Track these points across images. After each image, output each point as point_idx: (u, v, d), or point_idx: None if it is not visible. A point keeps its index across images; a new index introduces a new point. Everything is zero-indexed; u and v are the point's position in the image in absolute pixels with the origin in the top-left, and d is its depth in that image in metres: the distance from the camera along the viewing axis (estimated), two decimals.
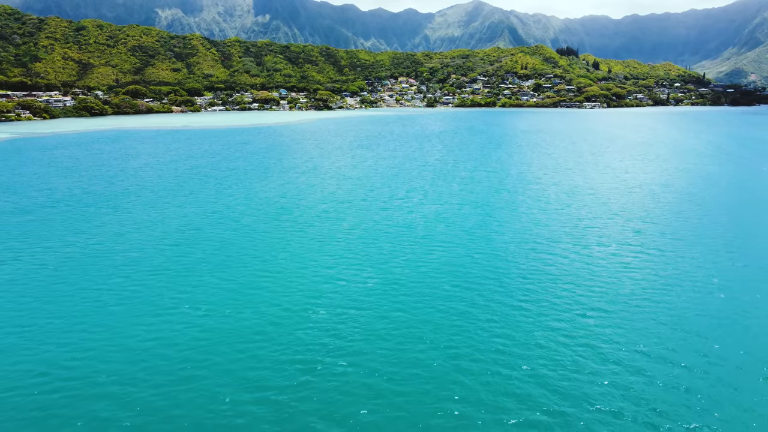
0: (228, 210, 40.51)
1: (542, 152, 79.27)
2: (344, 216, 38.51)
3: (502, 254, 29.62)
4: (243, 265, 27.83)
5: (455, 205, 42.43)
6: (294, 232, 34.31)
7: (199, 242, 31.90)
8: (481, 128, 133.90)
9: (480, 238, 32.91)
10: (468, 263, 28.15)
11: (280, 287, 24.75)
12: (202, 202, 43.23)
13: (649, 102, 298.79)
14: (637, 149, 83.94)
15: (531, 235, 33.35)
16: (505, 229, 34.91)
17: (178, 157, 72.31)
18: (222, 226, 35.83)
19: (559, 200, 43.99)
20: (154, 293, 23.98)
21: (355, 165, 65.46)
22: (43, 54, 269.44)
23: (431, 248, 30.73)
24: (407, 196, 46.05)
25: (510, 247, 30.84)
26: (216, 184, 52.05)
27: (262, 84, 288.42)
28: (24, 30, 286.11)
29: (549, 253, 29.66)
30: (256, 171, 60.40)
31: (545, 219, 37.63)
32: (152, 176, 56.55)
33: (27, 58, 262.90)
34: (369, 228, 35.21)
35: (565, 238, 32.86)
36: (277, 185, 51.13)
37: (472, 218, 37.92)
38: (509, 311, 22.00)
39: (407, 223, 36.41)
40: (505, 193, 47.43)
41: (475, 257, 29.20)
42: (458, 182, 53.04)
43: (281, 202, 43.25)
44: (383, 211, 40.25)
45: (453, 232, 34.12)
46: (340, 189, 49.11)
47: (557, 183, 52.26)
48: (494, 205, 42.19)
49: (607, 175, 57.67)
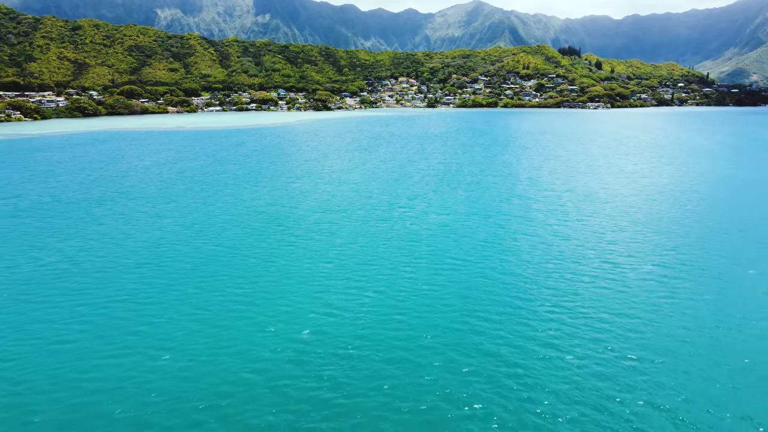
0: (209, 222, 36.28)
1: (551, 154, 75.04)
2: (338, 229, 34.30)
3: (520, 276, 25.41)
4: (218, 291, 23.62)
5: (462, 214, 38.21)
6: (281, 248, 30.11)
7: (170, 262, 27.69)
8: (484, 129, 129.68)
9: (493, 255, 28.69)
10: (481, 287, 23.96)
11: (261, 319, 20.56)
12: (181, 212, 39.03)
13: (653, 102, 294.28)
14: (650, 151, 79.69)
15: (551, 252, 29.13)
16: (521, 245, 30.68)
17: (165, 161, 68.11)
18: (200, 241, 31.62)
19: (578, 209, 39.77)
20: (106, 331, 19.77)
21: (353, 169, 61.25)
22: (38, 54, 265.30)
23: (438, 268, 26.52)
24: (409, 204, 41.83)
25: (529, 268, 26.61)
26: (200, 190, 47.84)
27: (260, 84, 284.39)
28: (19, 29, 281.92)
29: (575, 275, 25.43)
30: (245, 176, 56.18)
31: (565, 231, 33.40)
32: (133, 182, 52.33)
33: (22, 58, 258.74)
34: (366, 243, 31.00)
35: (590, 254, 28.64)
36: (267, 192, 46.91)
37: (482, 231, 33.69)
38: (535, 349, 17.79)
39: (409, 237, 32.21)
40: (517, 200, 43.21)
41: (489, 279, 25.00)
42: (464, 188, 48.81)
43: (269, 212, 39.04)
44: (382, 222, 36.03)
45: (462, 249, 29.89)
46: (334, 196, 44.90)
47: (572, 189, 48.03)
48: (506, 215, 37.97)
49: (624, 179, 53.43)
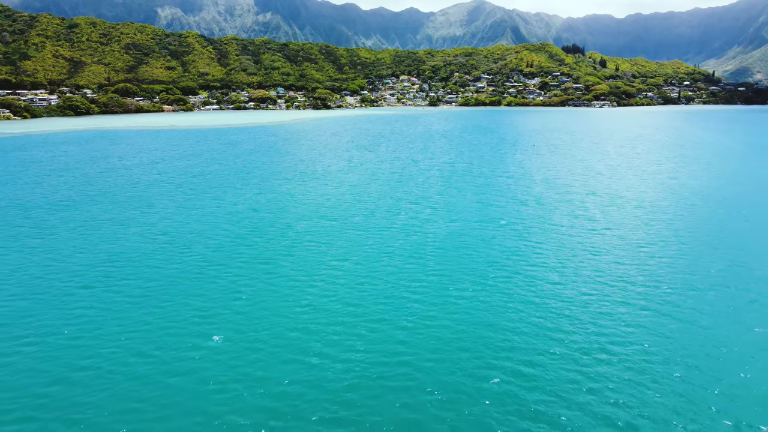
0: (179, 232, 31.30)
1: (564, 153, 69.93)
2: (330, 240, 29.30)
3: (551, 303, 20.41)
4: (182, 319, 18.67)
5: (474, 222, 33.18)
6: (261, 265, 25.14)
7: (128, 279, 22.75)
8: (489, 127, 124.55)
9: (514, 275, 23.69)
10: (503, 317, 18.98)
11: (233, 357, 15.61)
12: (149, 220, 34.08)
13: (659, 101, 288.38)
14: (671, 150, 74.52)
15: (586, 271, 24.11)
16: (548, 260, 25.66)
17: (148, 160, 63.20)
18: (166, 255, 26.67)
19: (606, 216, 34.70)
20: (48, 363, 14.82)
21: (350, 169, 56.25)
22: (33, 52, 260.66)
23: (448, 292, 21.54)
24: (412, 209, 36.82)
25: (562, 291, 21.60)
26: (178, 194, 42.89)
27: (259, 83, 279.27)
28: (15, 27, 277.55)
29: (618, 303, 20.39)
30: (231, 177, 51.21)
31: (596, 244, 28.37)
32: (106, 184, 47.40)
33: (16, 56, 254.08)
34: (363, 259, 26.02)
35: (632, 273, 23.61)
36: (252, 196, 41.93)
37: (499, 243, 28.67)
38: (574, 398, 12.79)
39: (414, 251, 27.21)
40: (534, 205, 38.17)
41: (512, 307, 20.02)
42: (474, 191, 43.77)
43: (251, 220, 34.04)
44: (382, 232, 31.02)
45: (476, 265, 24.89)
46: (328, 201, 39.91)
47: (594, 192, 42.97)
48: (524, 223, 32.93)
49: (650, 181, 48.32)
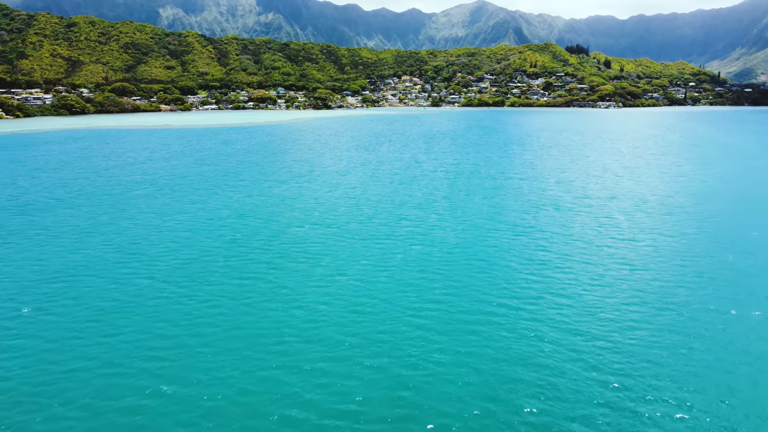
0: (152, 240, 27.38)
1: (577, 154, 65.91)
2: (322, 253, 25.36)
3: (587, 328, 16.42)
4: (133, 355, 14.74)
5: (486, 231, 29.20)
6: (237, 284, 21.22)
7: (78, 299, 18.81)
8: (495, 127, 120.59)
9: (541, 296, 19.68)
10: (533, 349, 15.02)
11: (187, 412, 11.73)
12: (123, 225, 30.17)
13: (665, 102, 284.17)
14: (689, 151, 70.45)
15: (620, 289, 20.11)
16: (577, 277, 21.65)
17: (134, 161, 59.37)
18: (129, 269, 22.75)
19: (634, 223, 30.67)
20: None
21: (349, 170, 52.32)
22: (31, 51, 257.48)
23: (461, 315, 17.58)
24: (416, 216, 32.86)
25: (598, 315, 17.61)
26: (160, 196, 39.00)
27: (259, 82, 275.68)
28: (12, 26, 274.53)
29: (669, 330, 16.42)
30: (219, 179, 47.32)
31: (629, 257, 24.36)
32: (84, 185, 43.55)
33: (13, 55, 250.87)
34: (359, 275, 22.07)
35: (678, 292, 19.62)
36: (240, 199, 38.02)
37: (517, 256, 24.69)
38: None
39: (418, 266, 23.26)
40: (552, 211, 34.17)
41: (542, 336, 16.05)
42: (483, 195, 39.80)
43: (236, 227, 30.10)
44: (382, 242, 27.06)
45: (493, 284, 20.91)
46: (323, 206, 35.98)
47: (616, 196, 38.97)
48: (543, 232, 28.92)
49: (674, 183, 44.28)
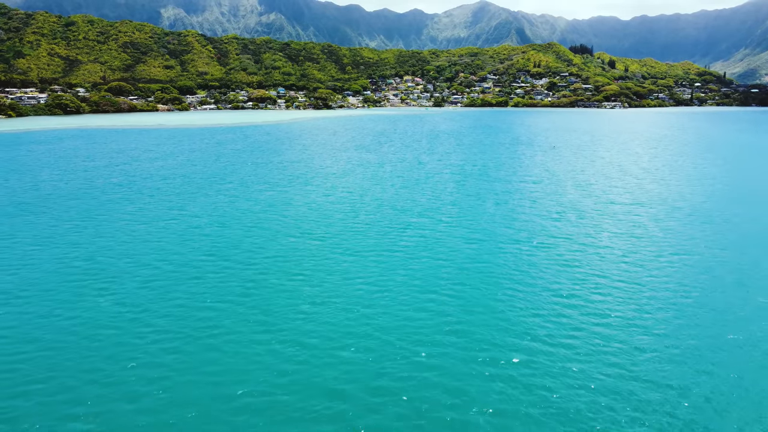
0: (113, 254, 23.57)
1: (591, 155, 61.96)
2: (310, 271, 21.50)
3: (633, 373, 12.59)
4: (56, 414, 10.99)
5: (503, 244, 25.32)
6: (204, 315, 17.41)
7: (4, 332, 15.07)
8: (500, 127, 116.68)
9: (577, 331, 15.83)
10: (566, 393, 11.21)
11: None
12: (84, 235, 26.39)
13: (671, 102, 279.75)
14: (710, 152, 66.46)
15: (665, 317, 16.26)
16: (614, 304, 17.78)
17: (118, 162, 55.65)
18: (76, 293, 18.97)
19: (670, 234, 26.76)
20: None
21: (347, 172, 48.50)
22: (28, 50, 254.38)
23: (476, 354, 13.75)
24: (420, 225, 28.99)
25: (640, 351, 13.78)
26: (137, 201, 35.21)
27: (259, 82, 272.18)
28: (10, 25, 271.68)
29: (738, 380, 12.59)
30: (205, 181, 43.53)
31: (671, 275, 20.47)
32: (54, 189, 39.81)
33: (10, 54, 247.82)
34: (352, 299, 18.21)
35: (736, 321, 15.79)
36: (224, 204, 34.21)
37: (542, 273, 20.79)
38: None
39: (422, 287, 19.39)
40: (574, 218, 30.25)
41: (579, 378, 12.20)
42: (495, 199, 35.93)
43: (213, 239, 26.28)
44: (381, 257, 23.19)
45: (515, 306, 17.05)
46: (315, 213, 32.16)
47: (641, 202, 35.05)
48: (566, 243, 25.02)
49: (704, 187, 40.33)
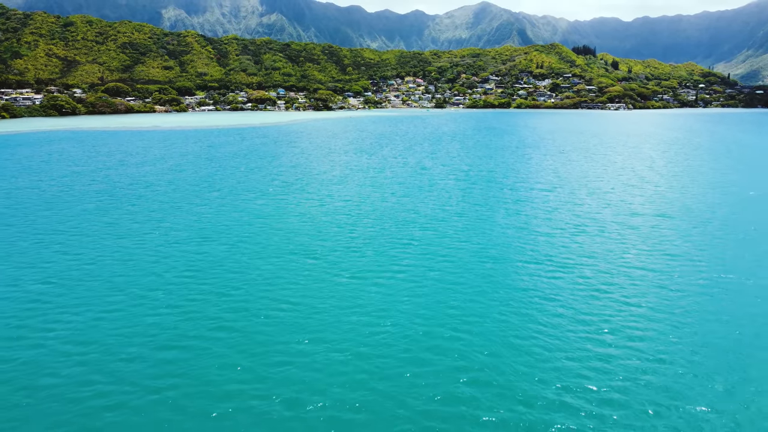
0: (76, 276, 20.38)
1: (602, 160, 58.70)
2: (303, 297, 18.28)
3: None
4: None
5: (519, 265, 22.05)
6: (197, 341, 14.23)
7: None
8: (505, 129, 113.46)
9: (610, 369, 12.65)
10: None
11: None
12: (48, 253, 23.20)
13: (676, 104, 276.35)
14: (727, 157, 63.22)
15: (714, 354, 13.10)
16: (654, 337, 14.62)
17: (103, 166, 52.55)
18: (31, 321, 15.80)
19: (711, 254, 23.51)
20: None
21: (344, 179, 45.34)
22: (26, 50, 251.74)
23: (499, 399, 10.63)
24: (424, 241, 25.77)
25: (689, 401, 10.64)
26: (112, 210, 32.04)
27: (258, 83, 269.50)
28: (8, 25, 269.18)
29: None
30: (192, 188, 40.36)
31: (720, 302, 17.29)
32: (28, 195, 36.68)
33: (7, 55, 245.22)
34: (352, 334, 15.01)
35: None
36: (208, 216, 31.03)
37: (564, 298, 17.55)
38: None
39: (435, 315, 16.17)
40: (596, 233, 27.01)
41: None
42: (506, 211, 32.70)
43: (191, 257, 23.06)
44: (379, 282, 19.97)
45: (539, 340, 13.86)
46: (307, 227, 28.97)
47: (667, 214, 31.81)
48: (594, 266, 21.75)
49: (731, 197, 37.08)
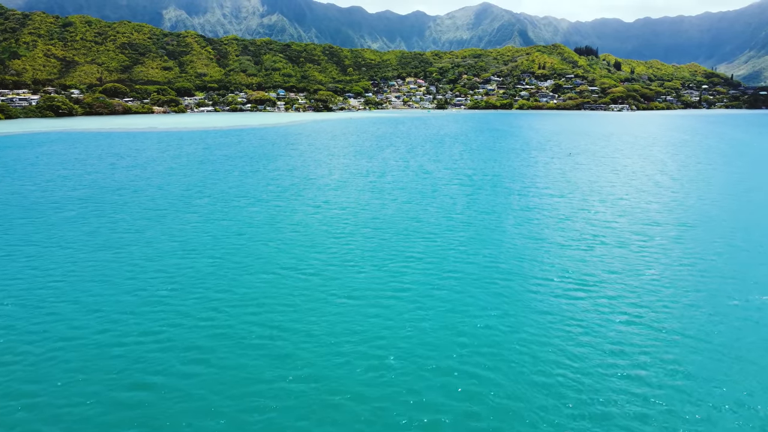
0: (44, 296, 18.26)
1: (611, 162, 56.48)
2: (294, 323, 16.14)
3: None
4: None
5: (534, 283, 19.87)
6: (167, 378, 12.09)
7: None
8: (508, 130, 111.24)
9: (647, 413, 10.53)
10: None
11: None
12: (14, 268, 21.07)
13: (679, 105, 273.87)
14: (740, 160, 61.03)
15: None
16: (690, 371, 12.48)
17: (91, 169, 50.44)
18: None
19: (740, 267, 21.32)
20: None
21: (342, 184, 43.19)
22: (24, 50, 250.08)
23: None
24: (428, 255, 23.60)
25: None
26: (93, 220, 29.91)
27: (258, 84, 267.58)
28: (6, 26, 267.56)
29: None
30: (179, 194, 38.21)
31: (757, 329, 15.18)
32: (6, 201, 34.58)
33: (6, 55, 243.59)
34: (348, 372, 12.86)
35: None
36: (194, 225, 28.88)
37: (587, 325, 15.39)
38: None
39: (442, 347, 14.02)
40: (614, 246, 24.81)
41: None
42: (514, 220, 30.54)
43: (170, 272, 20.90)
44: (380, 304, 17.81)
45: (566, 397, 11.72)
46: (301, 238, 26.82)
47: (688, 223, 29.61)
48: (614, 281, 19.57)
49: (752, 204, 34.94)
